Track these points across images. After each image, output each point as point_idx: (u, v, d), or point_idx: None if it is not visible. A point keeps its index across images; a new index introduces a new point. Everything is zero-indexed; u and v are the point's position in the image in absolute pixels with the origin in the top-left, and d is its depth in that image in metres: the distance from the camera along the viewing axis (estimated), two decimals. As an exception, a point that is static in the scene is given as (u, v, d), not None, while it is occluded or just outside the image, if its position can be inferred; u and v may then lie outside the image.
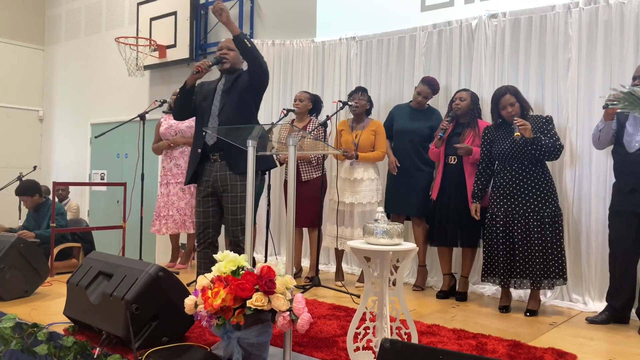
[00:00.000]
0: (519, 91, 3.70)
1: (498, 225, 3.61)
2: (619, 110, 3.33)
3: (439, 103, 4.52)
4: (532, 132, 3.49)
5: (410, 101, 4.44)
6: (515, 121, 3.50)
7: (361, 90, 4.41)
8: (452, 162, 4.00)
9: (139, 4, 6.96)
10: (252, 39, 5.87)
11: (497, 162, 3.75)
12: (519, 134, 3.45)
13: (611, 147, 3.53)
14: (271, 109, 5.67)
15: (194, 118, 4.85)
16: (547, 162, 3.65)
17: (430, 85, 4.31)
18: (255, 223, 4.51)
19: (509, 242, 3.58)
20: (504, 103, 3.63)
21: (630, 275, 3.40)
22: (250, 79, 3.40)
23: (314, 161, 4.48)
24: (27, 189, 5.23)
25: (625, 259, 3.40)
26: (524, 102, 3.67)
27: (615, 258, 3.45)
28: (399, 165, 4.29)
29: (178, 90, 3.61)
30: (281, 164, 4.75)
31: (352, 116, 4.47)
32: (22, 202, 5.31)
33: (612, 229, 3.47)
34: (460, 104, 3.99)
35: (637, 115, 3.02)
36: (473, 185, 3.81)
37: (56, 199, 5.25)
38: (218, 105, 3.43)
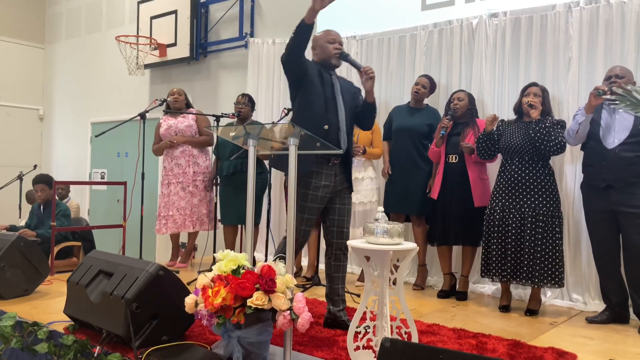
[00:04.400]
0: (548, 94, 3.74)
1: (495, 222, 3.63)
2: (615, 103, 3.37)
3: (439, 102, 4.52)
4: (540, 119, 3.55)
5: (409, 101, 4.45)
6: (530, 101, 3.58)
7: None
8: (453, 160, 4.01)
9: (139, 2, 6.95)
10: (252, 38, 5.91)
11: (501, 158, 3.78)
12: (528, 102, 3.57)
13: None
14: (271, 108, 5.68)
15: (192, 117, 4.93)
16: (549, 163, 3.65)
17: (428, 78, 4.36)
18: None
19: (503, 237, 3.59)
20: (530, 91, 3.67)
21: (617, 275, 3.42)
22: (360, 116, 3.23)
23: None
24: (48, 180, 5.37)
25: (610, 260, 3.42)
26: (548, 104, 3.70)
27: (601, 261, 3.47)
28: (390, 173, 4.31)
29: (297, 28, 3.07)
30: None
31: None
32: (37, 192, 5.32)
33: (592, 232, 3.50)
34: (458, 104, 4.01)
35: (622, 110, 3.01)
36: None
37: (57, 198, 5.26)
38: (343, 106, 3.11)
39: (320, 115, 3.01)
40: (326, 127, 2.99)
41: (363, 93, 3.19)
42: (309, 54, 3.14)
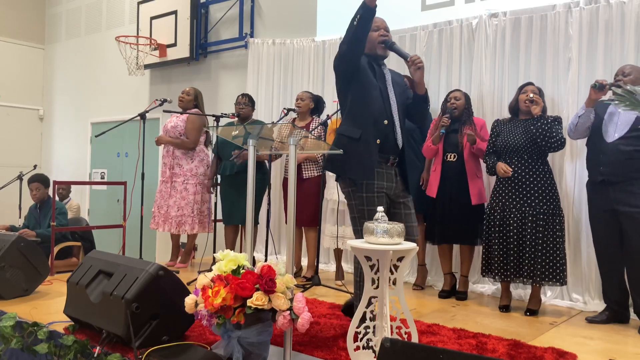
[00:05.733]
0: (543, 94, 3.76)
1: (495, 221, 3.63)
2: (607, 98, 3.42)
3: (439, 103, 4.51)
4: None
5: None
6: (532, 96, 3.58)
7: None
8: (451, 159, 4.01)
9: (139, 3, 6.95)
10: (252, 38, 5.92)
11: (501, 157, 3.76)
12: (530, 97, 3.56)
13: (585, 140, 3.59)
14: (271, 108, 5.68)
15: (183, 118, 4.92)
16: (548, 161, 3.65)
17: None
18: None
19: (504, 237, 3.60)
20: (527, 89, 3.68)
21: (618, 274, 3.42)
22: (412, 110, 2.96)
23: (320, 160, 4.49)
24: (44, 179, 5.38)
25: (611, 258, 3.43)
26: (544, 104, 3.70)
27: (602, 259, 3.48)
28: None
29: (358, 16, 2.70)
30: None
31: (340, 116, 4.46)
32: (32, 192, 5.33)
33: (594, 230, 3.51)
34: (455, 103, 4.02)
35: (622, 110, 3.01)
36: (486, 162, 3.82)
37: (57, 198, 5.26)
38: (395, 99, 2.84)
39: (378, 110, 2.77)
40: (386, 121, 2.77)
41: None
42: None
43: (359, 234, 2.78)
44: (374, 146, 2.73)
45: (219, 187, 4.86)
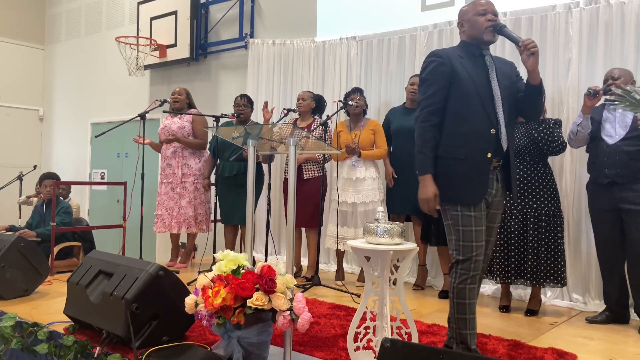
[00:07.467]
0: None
1: (497, 223, 3.63)
2: (602, 104, 3.44)
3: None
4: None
5: (404, 102, 4.45)
6: None
7: (358, 91, 4.43)
8: None
9: (139, 3, 6.95)
10: (252, 38, 5.92)
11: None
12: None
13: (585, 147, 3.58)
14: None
15: (187, 118, 4.93)
16: (548, 162, 3.66)
17: None
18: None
19: (506, 238, 3.59)
20: None
21: (618, 274, 3.43)
22: (524, 103, 2.59)
23: (321, 160, 4.49)
24: (56, 177, 5.45)
25: (612, 258, 3.44)
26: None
27: (603, 259, 3.48)
28: (395, 177, 4.29)
29: None
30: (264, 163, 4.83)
31: (347, 117, 4.47)
32: (46, 188, 5.32)
33: (596, 230, 3.51)
34: None
35: (622, 110, 3.02)
36: None
37: (60, 198, 5.25)
38: (500, 94, 2.51)
39: (483, 123, 2.45)
40: (493, 130, 2.45)
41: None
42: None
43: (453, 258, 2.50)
44: (485, 162, 2.46)
45: (214, 188, 4.88)
